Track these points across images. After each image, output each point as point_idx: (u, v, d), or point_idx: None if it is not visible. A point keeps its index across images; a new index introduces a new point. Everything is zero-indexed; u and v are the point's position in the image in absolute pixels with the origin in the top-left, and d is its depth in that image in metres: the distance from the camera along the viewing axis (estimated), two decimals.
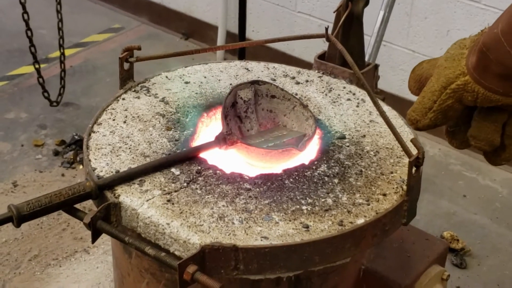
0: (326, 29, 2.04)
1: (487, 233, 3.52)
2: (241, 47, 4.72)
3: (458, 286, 3.15)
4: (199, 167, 1.81)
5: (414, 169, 1.70)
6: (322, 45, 2.55)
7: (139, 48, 2.06)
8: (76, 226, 3.37)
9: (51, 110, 4.33)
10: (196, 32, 5.23)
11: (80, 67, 4.89)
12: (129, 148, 1.88)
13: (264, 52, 4.57)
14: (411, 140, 1.72)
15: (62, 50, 4.29)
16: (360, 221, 1.67)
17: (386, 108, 2.04)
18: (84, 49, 5.13)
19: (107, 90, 4.45)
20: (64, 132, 4.13)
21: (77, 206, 1.71)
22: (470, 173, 3.94)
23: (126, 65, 2.07)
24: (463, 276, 3.24)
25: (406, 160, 1.85)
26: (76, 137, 4.00)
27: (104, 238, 3.29)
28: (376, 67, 2.35)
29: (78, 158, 3.89)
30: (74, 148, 3.95)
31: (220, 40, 4.90)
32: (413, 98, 4.50)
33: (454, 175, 3.91)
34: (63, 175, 3.76)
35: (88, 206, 2.46)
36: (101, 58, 4.99)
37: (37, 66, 4.17)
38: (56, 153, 3.94)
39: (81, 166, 3.83)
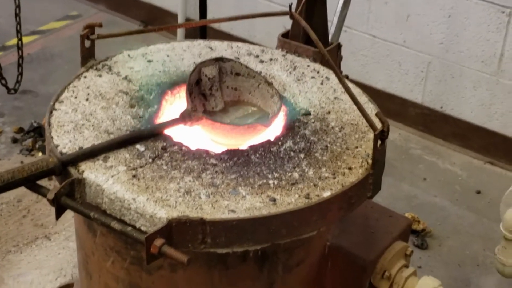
0: (290, 6, 2.03)
1: (447, 215, 3.57)
2: (202, 33, 4.70)
3: (419, 266, 3.19)
4: (164, 144, 1.79)
5: (379, 142, 1.71)
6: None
7: (100, 25, 2.03)
8: (37, 212, 3.32)
9: (8, 97, 4.25)
10: (156, 20, 5.18)
11: (38, 54, 4.81)
12: (92, 125, 1.85)
13: (225, 38, 4.53)
14: (376, 114, 1.74)
15: (19, 36, 4.21)
16: (327, 194, 1.67)
17: (350, 85, 2.05)
18: (41, 37, 5.05)
19: (66, 77, 4.29)
20: (22, 119, 4.06)
21: None
22: (430, 157, 3.99)
23: (87, 43, 2.04)
24: (425, 257, 3.28)
25: (370, 135, 1.86)
26: (35, 124, 3.94)
27: (66, 224, 3.25)
28: (339, 46, 2.36)
29: (37, 146, 3.83)
30: (33, 136, 3.90)
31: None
32: (374, 84, 4.51)
33: (415, 159, 3.96)
34: (22, 162, 3.70)
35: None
36: (59, 45, 4.92)
37: None
38: (15, 141, 3.88)
39: (40, 153, 3.77)
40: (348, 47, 4.14)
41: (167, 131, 1.84)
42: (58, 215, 1.63)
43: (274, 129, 1.92)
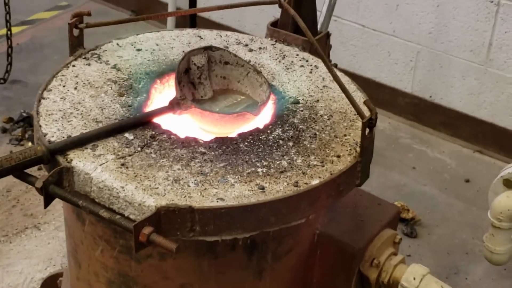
0: None
1: (437, 203, 3.59)
2: (192, 24, 4.69)
3: (409, 255, 3.21)
4: (153, 132, 1.79)
5: (367, 130, 1.72)
6: None
7: (89, 14, 2.02)
8: (26, 202, 3.31)
9: None
10: (146, 10, 5.16)
11: (27, 44, 4.79)
12: (81, 114, 1.85)
13: (215, 28, 4.54)
14: (364, 102, 1.74)
15: (8, 26, 4.19)
16: (315, 181, 1.68)
17: (339, 73, 2.05)
18: (30, 27, 5.03)
19: (55, 67, 4.32)
20: (12, 109, 4.06)
21: None
22: (420, 146, 4.00)
23: (76, 32, 2.04)
24: (414, 245, 3.30)
25: (359, 123, 1.87)
26: (24, 114, 3.94)
27: (56, 214, 3.25)
28: (328, 35, 2.36)
29: (26, 135, 3.82)
30: (23, 125, 3.89)
31: (170, 17, 4.84)
32: (364, 73, 4.52)
33: (404, 148, 3.97)
34: (11, 152, 3.68)
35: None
36: (48, 35, 4.90)
37: None
38: (4, 131, 3.87)
39: (29, 143, 3.76)
40: (338, 36, 4.15)
41: (156, 120, 1.84)
42: (47, 203, 1.62)
43: (263, 118, 1.93)
